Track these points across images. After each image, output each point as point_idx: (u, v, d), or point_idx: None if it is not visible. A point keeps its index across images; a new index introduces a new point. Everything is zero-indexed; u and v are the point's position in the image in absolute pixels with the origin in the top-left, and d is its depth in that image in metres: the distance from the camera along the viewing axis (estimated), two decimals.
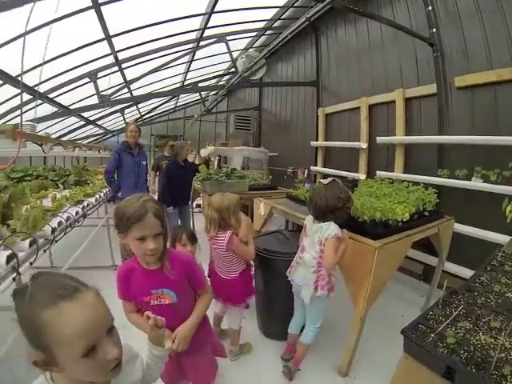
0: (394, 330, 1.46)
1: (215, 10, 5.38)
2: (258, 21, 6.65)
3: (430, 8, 4.29)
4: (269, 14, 6.48)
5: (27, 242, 2.17)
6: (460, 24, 3.98)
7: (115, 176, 4.76)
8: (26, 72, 4.18)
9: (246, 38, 7.49)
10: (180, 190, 5.07)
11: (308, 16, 3.83)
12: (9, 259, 1.88)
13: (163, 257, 1.55)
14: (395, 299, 3.80)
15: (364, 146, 5.33)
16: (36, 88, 4.76)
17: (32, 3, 2.22)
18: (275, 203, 3.73)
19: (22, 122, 2.74)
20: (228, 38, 5.97)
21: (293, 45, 7.79)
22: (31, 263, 2.14)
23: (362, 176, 5.26)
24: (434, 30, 4.24)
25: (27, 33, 2.34)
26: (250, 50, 8.02)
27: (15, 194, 2.69)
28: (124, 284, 1.61)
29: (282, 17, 6.71)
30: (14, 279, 1.91)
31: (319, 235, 2.37)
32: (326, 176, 6.15)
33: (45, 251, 2.38)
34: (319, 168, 6.64)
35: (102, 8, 4.24)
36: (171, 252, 1.65)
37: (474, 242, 3.68)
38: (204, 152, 8.61)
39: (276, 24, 7.04)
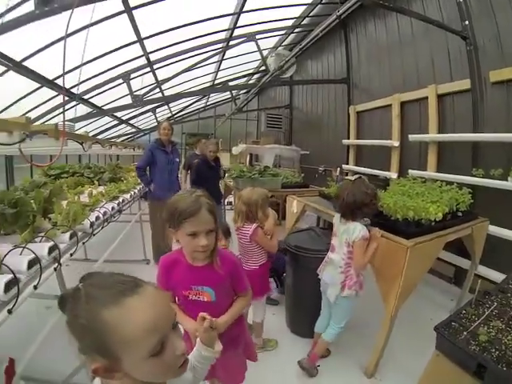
0: (422, 334, 1.45)
1: (244, 10, 5.42)
2: (287, 19, 6.64)
3: (461, 0, 4.13)
4: (297, 11, 6.46)
5: (67, 234, 2.30)
6: (493, 15, 3.80)
7: (147, 172, 4.79)
8: (66, 73, 4.38)
9: (275, 36, 7.49)
10: (211, 189, 4.90)
11: (338, 14, 3.79)
12: (50, 250, 1.99)
13: (213, 253, 1.53)
14: (424, 302, 3.70)
15: (396, 144, 5.23)
16: (73, 90, 4.98)
17: (70, 10, 2.33)
18: (308, 201, 3.75)
19: (64, 121, 2.87)
20: (257, 36, 6.00)
21: (322, 42, 7.73)
22: (71, 254, 2.26)
23: (393, 175, 5.17)
24: (467, 22, 4.07)
25: (67, 36, 2.46)
26: (279, 48, 8.02)
27: (55, 190, 2.83)
28: (165, 274, 1.61)
29: (311, 14, 6.67)
30: (55, 269, 2.02)
31: (346, 236, 2.39)
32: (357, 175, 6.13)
33: (83, 244, 2.50)
34: (351, 166, 6.56)
35: (134, 12, 4.38)
36: (219, 250, 1.61)
37: (509, 244, 3.54)
38: (236, 150, 8.73)
39: (304, 21, 7.00)
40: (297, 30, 7.62)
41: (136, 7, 4.29)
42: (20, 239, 2.05)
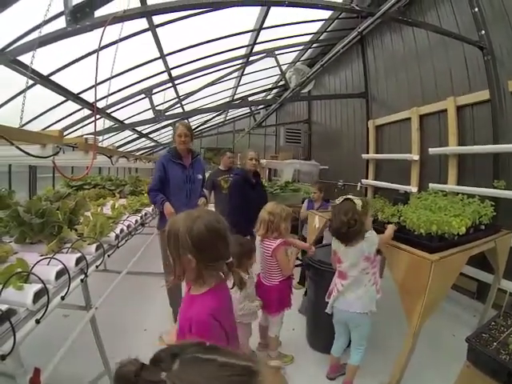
0: (446, 350, 1.43)
1: (264, 26, 5.52)
2: (305, 34, 6.73)
3: (476, 9, 4.10)
4: (315, 26, 6.54)
5: (94, 246, 2.35)
6: (509, 23, 3.78)
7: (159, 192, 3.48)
8: (91, 88, 4.57)
9: (293, 51, 7.59)
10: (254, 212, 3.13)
11: (360, 30, 3.83)
12: (78, 261, 2.05)
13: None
14: (446, 318, 3.62)
15: (416, 157, 5.18)
16: (99, 104, 5.15)
17: (102, 27, 2.45)
18: (329, 216, 3.72)
19: (95, 136, 2.97)
20: (276, 52, 6.12)
21: (339, 56, 7.73)
22: (97, 266, 2.32)
23: (413, 188, 5.11)
24: (483, 31, 4.04)
25: (99, 49, 2.56)
26: (298, 63, 8.13)
27: (81, 202, 2.91)
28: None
29: (328, 29, 6.75)
30: (81, 280, 2.07)
31: (362, 254, 2.39)
32: (377, 189, 6.07)
33: (109, 256, 2.55)
34: (370, 181, 6.50)
35: (158, 29, 4.52)
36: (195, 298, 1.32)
37: None
38: None
39: (322, 36, 7.09)
40: (315, 45, 7.71)
41: (160, 25, 4.42)
42: (47, 249, 2.11)
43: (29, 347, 1.87)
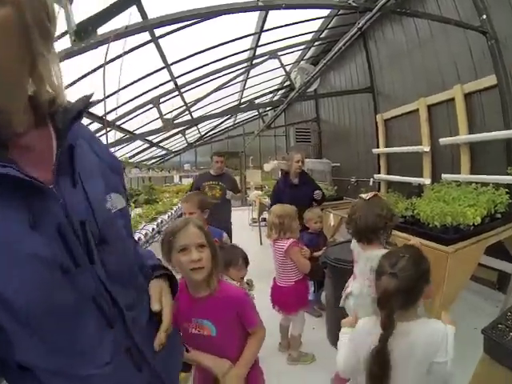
0: (466, 344, 1.42)
1: (264, 29, 5.54)
2: (306, 33, 6.72)
3: None
4: (316, 25, 6.53)
5: None
6: (510, 5, 3.69)
7: None
8: (100, 101, 4.66)
9: (296, 51, 7.59)
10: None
11: (359, 26, 3.82)
12: None
13: (211, 280, 1.47)
14: (467, 310, 3.53)
15: (426, 149, 5.12)
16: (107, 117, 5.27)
17: (107, 44, 2.52)
18: (344, 213, 3.74)
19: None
20: (279, 53, 6.13)
21: (342, 53, 7.68)
22: None
23: (426, 181, 5.03)
24: (484, 16, 3.95)
25: (106, 63, 2.63)
26: (302, 62, 8.13)
27: None
28: None
29: (329, 26, 6.74)
30: None
31: (371, 264, 2.03)
32: (390, 184, 6.01)
33: None
34: (382, 175, 6.43)
35: (160, 40, 4.59)
36: (223, 283, 1.57)
37: None
38: (267, 167, 8.80)
39: (324, 34, 7.07)
40: (317, 43, 7.70)
41: (161, 36, 4.48)
42: None
43: None
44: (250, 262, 2.58)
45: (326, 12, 5.98)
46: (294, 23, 5.77)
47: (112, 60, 3.90)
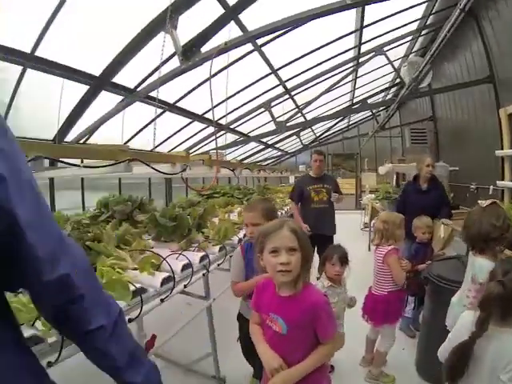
0: None
1: (365, 24, 5.41)
2: (410, 22, 6.17)
3: None
4: (419, 11, 5.93)
5: (217, 247, 2.79)
6: None
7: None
8: (209, 110, 5.34)
9: (402, 44, 7.12)
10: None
11: (461, 7, 3.46)
12: (201, 259, 2.47)
13: (298, 281, 1.49)
14: None
15: None
16: (221, 121, 5.89)
17: (210, 60, 2.92)
18: (457, 225, 3.33)
19: (217, 151, 3.46)
20: (385, 48, 5.90)
21: (453, 40, 6.56)
22: (218, 265, 2.73)
23: None
24: None
25: (211, 77, 3.01)
26: (411, 55, 7.65)
27: (209, 209, 3.43)
28: (257, 295, 1.65)
29: (433, 11, 6.02)
30: (203, 275, 2.49)
31: (472, 272, 2.02)
32: None
33: (231, 257, 2.78)
34: (506, 182, 5.26)
35: (263, 48, 4.91)
36: (309, 286, 1.58)
37: None
38: (382, 170, 8.48)
39: (429, 20, 6.40)
40: (424, 32, 7.00)
41: (263, 44, 4.80)
42: (177, 247, 2.58)
43: (154, 321, 2.36)
44: (355, 266, 2.59)
45: None
46: (395, 13, 5.35)
47: (219, 72, 4.38)
